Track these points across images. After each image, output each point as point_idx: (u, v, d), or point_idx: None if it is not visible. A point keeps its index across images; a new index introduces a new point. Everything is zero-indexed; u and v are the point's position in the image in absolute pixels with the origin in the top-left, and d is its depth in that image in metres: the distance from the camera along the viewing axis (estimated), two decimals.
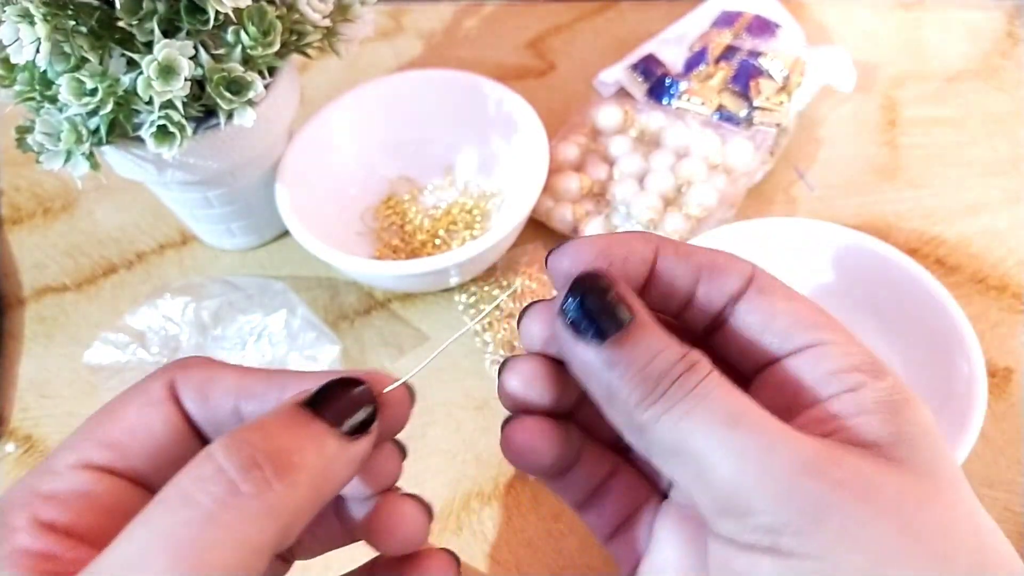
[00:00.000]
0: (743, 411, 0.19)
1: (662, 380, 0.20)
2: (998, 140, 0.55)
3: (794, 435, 0.19)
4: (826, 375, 0.21)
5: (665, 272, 0.23)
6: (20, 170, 0.59)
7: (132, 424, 0.21)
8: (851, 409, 0.20)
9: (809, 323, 0.22)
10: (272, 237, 0.54)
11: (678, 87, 0.54)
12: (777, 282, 0.23)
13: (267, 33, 0.39)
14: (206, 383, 0.22)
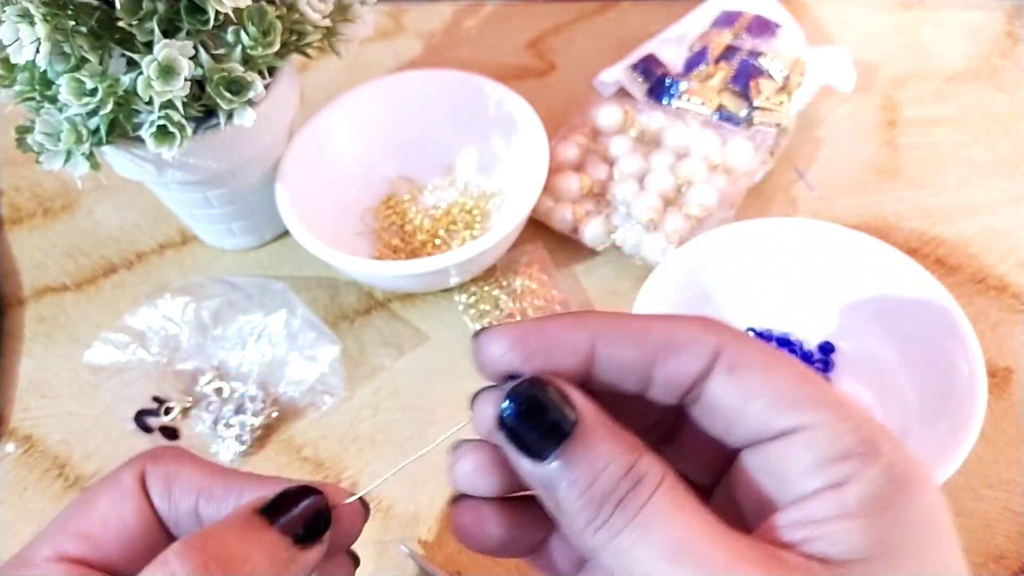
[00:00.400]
0: (689, 539, 0.18)
1: (605, 503, 0.18)
2: (998, 140, 0.55)
3: (742, 566, 0.18)
4: (810, 466, 0.19)
5: (610, 360, 0.21)
6: (20, 170, 0.59)
7: (104, 515, 0.22)
8: (831, 512, 0.18)
9: (791, 401, 0.20)
10: (272, 237, 0.54)
11: (678, 87, 0.54)
12: (750, 352, 0.20)
13: (267, 33, 0.39)
14: (171, 478, 0.23)
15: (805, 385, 0.20)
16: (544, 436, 0.19)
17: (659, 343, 0.21)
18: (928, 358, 0.41)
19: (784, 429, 0.20)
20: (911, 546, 0.18)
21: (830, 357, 0.44)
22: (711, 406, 0.21)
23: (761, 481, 0.20)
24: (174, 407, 0.45)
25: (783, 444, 0.20)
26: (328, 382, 0.45)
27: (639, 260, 0.49)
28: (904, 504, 0.19)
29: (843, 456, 0.19)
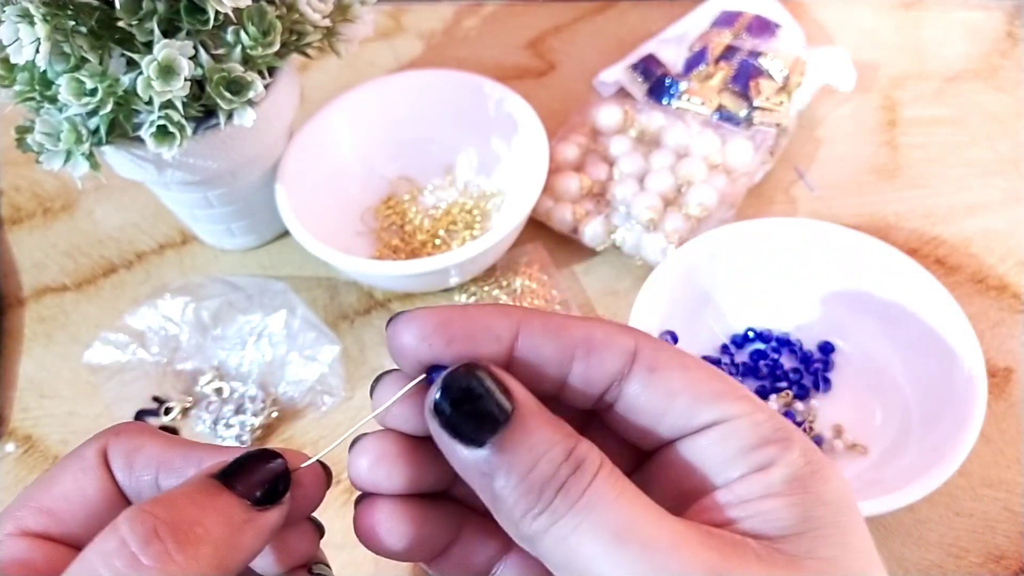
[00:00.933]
0: (633, 521, 0.18)
1: (546, 488, 0.18)
2: (998, 140, 0.55)
3: (687, 545, 0.18)
4: (733, 454, 0.20)
5: (530, 351, 0.21)
6: (20, 170, 0.59)
7: (66, 490, 0.22)
8: (758, 491, 0.19)
9: (710, 396, 0.20)
10: (272, 237, 0.54)
11: (678, 87, 0.54)
12: (666, 353, 0.21)
13: (267, 33, 0.39)
14: (133, 452, 0.22)
15: (721, 382, 0.21)
16: (481, 423, 0.19)
17: (578, 339, 0.21)
18: (928, 358, 0.41)
19: (707, 422, 0.20)
20: (832, 522, 0.19)
21: (830, 357, 0.44)
22: (632, 406, 0.21)
23: (686, 471, 0.21)
24: (174, 407, 0.45)
25: (707, 436, 0.20)
26: (328, 382, 0.45)
27: (639, 260, 0.49)
28: (821, 484, 0.20)
29: (764, 443, 0.20)
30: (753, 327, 0.46)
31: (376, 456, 0.21)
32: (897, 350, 0.43)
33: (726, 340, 0.46)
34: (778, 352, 0.45)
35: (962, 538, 0.39)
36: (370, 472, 0.21)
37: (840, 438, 0.41)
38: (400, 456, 0.22)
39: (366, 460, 0.21)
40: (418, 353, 0.20)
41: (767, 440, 0.20)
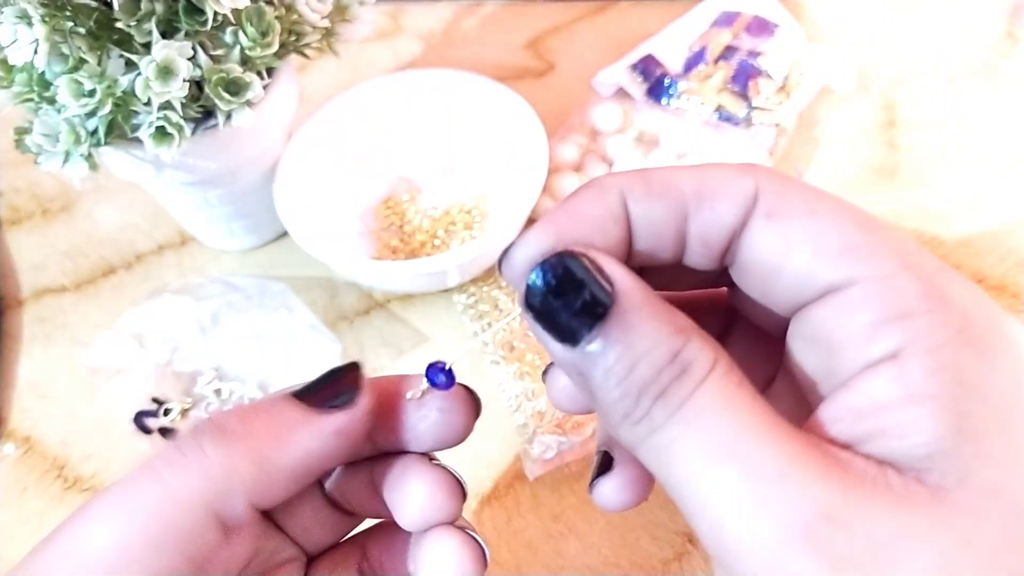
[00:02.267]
0: (738, 439, 0.15)
1: (645, 393, 0.16)
2: (998, 140, 0.55)
3: (799, 475, 0.14)
4: (862, 331, 0.15)
5: (642, 218, 0.18)
6: (19, 171, 0.59)
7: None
8: (894, 392, 0.15)
9: (839, 249, 0.16)
10: (271, 237, 0.54)
11: (677, 87, 0.54)
12: (793, 195, 0.17)
13: (265, 34, 0.39)
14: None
15: (858, 230, 0.16)
16: (577, 316, 0.17)
17: (689, 193, 0.18)
18: None
19: (830, 285, 0.16)
20: (1000, 427, 0.14)
21: None
22: (749, 262, 0.18)
23: (811, 358, 0.17)
24: (173, 408, 0.45)
25: (830, 305, 0.16)
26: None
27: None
28: (987, 372, 0.15)
29: (902, 315, 0.15)
30: None
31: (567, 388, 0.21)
32: None
33: None
34: None
35: None
36: (563, 399, 0.22)
37: None
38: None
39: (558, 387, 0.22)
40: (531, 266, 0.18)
41: (906, 311, 0.15)
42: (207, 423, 0.19)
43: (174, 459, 0.19)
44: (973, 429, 0.14)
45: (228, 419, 0.19)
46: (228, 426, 0.19)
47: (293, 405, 0.20)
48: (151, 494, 0.18)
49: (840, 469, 0.14)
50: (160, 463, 0.19)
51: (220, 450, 0.19)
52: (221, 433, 0.19)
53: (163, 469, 0.19)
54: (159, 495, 0.18)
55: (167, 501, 0.18)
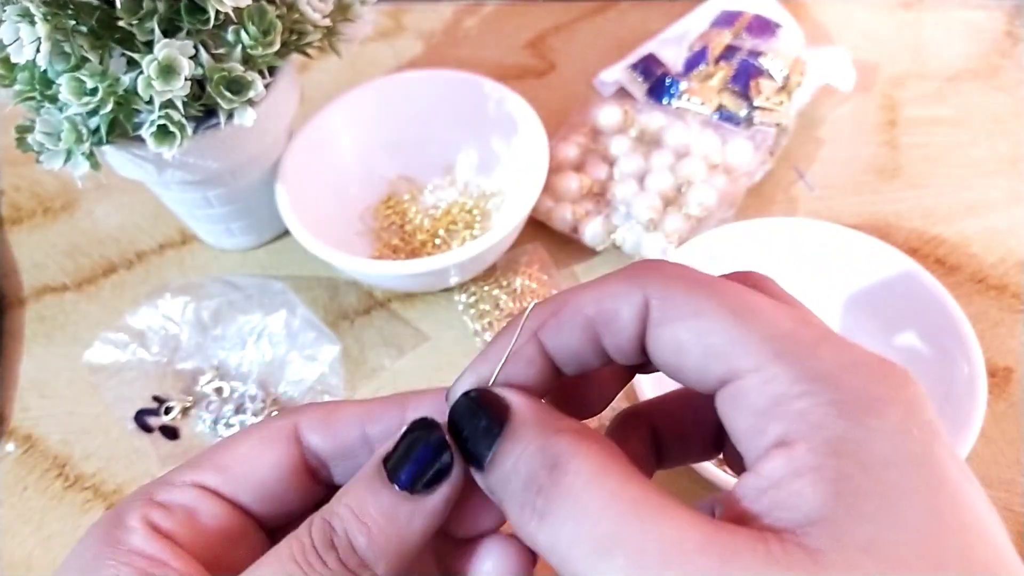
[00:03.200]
0: (617, 526, 0.16)
1: (528, 489, 0.18)
2: (998, 140, 0.55)
3: (681, 552, 0.15)
4: (752, 424, 0.17)
5: (561, 349, 0.20)
6: (20, 170, 0.59)
7: (243, 454, 0.22)
8: (784, 470, 0.16)
9: (718, 349, 0.17)
10: (272, 237, 0.54)
11: (678, 87, 0.54)
12: (677, 298, 0.18)
13: (267, 33, 0.39)
14: (328, 416, 0.23)
15: (736, 324, 0.17)
16: (480, 440, 0.20)
17: (592, 316, 0.20)
18: (928, 358, 0.41)
19: (720, 379, 0.17)
20: (875, 489, 0.15)
21: None
22: (657, 361, 0.19)
23: (729, 444, 0.19)
24: (174, 407, 0.45)
25: (723, 400, 0.18)
26: (328, 382, 0.45)
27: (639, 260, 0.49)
28: (864, 436, 0.15)
29: (779, 402, 0.16)
30: None
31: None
32: (897, 350, 0.43)
33: None
34: None
35: None
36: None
37: None
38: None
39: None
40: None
41: (783, 399, 0.16)
42: (334, 532, 0.19)
43: (326, 572, 0.19)
44: (850, 492, 0.15)
45: (357, 536, 0.20)
46: (359, 545, 0.19)
47: (400, 498, 0.20)
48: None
49: (721, 541, 0.15)
50: (300, 568, 0.19)
51: (361, 566, 0.19)
52: (354, 550, 0.19)
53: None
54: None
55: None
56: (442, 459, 0.20)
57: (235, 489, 0.22)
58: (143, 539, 0.20)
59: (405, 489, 0.20)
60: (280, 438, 0.22)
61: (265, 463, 0.22)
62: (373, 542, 0.19)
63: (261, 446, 0.22)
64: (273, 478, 0.22)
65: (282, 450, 0.22)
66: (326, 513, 0.20)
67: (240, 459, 0.22)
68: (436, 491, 0.20)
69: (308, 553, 0.19)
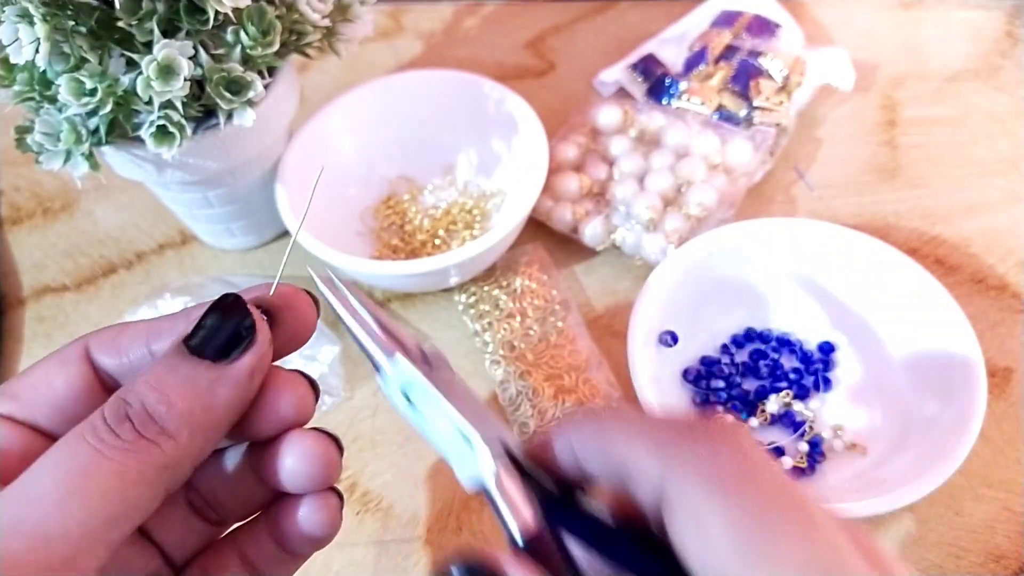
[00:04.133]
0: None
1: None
2: (998, 140, 0.55)
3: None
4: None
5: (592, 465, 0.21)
6: (20, 170, 0.59)
7: (35, 380, 0.22)
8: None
9: (721, 563, 0.17)
10: (272, 237, 0.54)
11: (678, 87, 0.54)
12: (687, 494, 0.18)
13: (266, 33, 0.39)
14: (117, 337, 0.23)
15: (739, 553, 0.17)
16: None
17: (619, 468, 0.20)
18: (928, 358, 0.41)
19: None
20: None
21: (830, 357, 0.44)
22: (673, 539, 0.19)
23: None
24: None
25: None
26: (328, 382, 0.45)
27: (639, 260, 0.49)
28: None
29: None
30: (753, 327, 0.46)
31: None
32: (897, 350, 0.43)
33: (726, 340, 0.46)
34: (778, 352, 0.45)
35: (962, 538, 0.39)
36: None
37: (840, 438, 0.41)
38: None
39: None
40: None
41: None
42: (128, 406, 0.19)
43: (109, 446, 0.19)
44: None
45: (156, 405, 0.19)
46: (151, 407, 0.19)
47: (201, 367, 0.20)
48: (111, 475, 0.18)
49: None
50: (96, 443, 0.19)
51: (159, 436, 0.19)
52: (152, 421, 0.19)
53: (103, 451, 0.19)
54: (108, 477, 0.18)
55: (118, 482, 0.18)
56: (243, 324, 0.20)
57: (31, 413, 0.22)
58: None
59: (207, 358, 0.20)
60: (72, 360, 0.22)
61: (58, 385, 0.22)
62: (173, 410, 0.19)
63: (53, 369, 0.22)
64: (68, 399, 0.22)
65: (74, 371, 0.22)
66: (121, 392, 0.20)
67: (33, 384, 0.22)
68: (240, 358, 0.20)
69: (99, 430, 0.19)
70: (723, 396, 0.43)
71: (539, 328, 0.47)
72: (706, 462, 0.18)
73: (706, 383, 0.44)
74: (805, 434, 0.42)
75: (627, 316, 0.42)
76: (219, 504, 0.24)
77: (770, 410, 0.42)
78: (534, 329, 0.47)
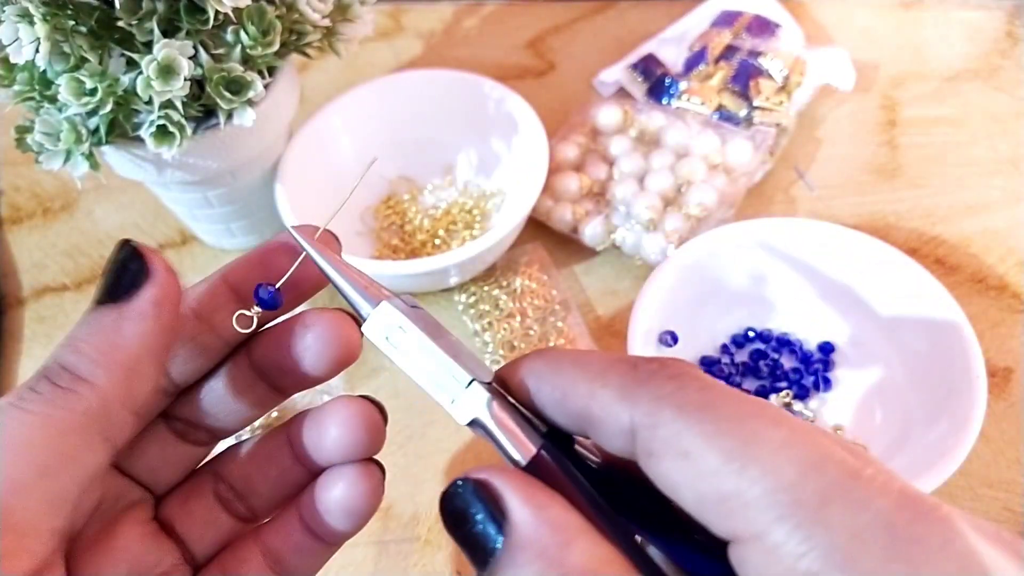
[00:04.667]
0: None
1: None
2: (998, 140, 0.55)
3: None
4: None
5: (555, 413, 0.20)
6: (20, 170, 0.59)
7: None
8: None
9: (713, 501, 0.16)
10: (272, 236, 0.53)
11: (678, 87, 0.54)
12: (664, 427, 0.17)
13: (267, 33, 0.39)
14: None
15: (731, 471, 0.16)
16: (474, 551, 0.18)
17: (579, 412, 0.19)
18: (928, 358, 0.41)
19: (722, 535, 0.16)
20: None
21: (830, 357, 0.44)
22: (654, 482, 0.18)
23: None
24: None
25: (732, 556, 0.16)
26: (328, 382, 0.45)
27: (639, 260, 0.49)
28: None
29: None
30: (753, 327, 0.46)
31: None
32: (897, 350, 0.43)
33: (726, 340, 0.46)
34: (778, 352, 0.45)
35: None
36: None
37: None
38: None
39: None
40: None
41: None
42: (56, 370, 0.19)
43: (42, 399, 0.19)
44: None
45: (66, 355, 0.19)
46: (68, 362, 0.19)
47: (104, 310, 0.20)
48: (34, 427, 0.18)
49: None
50: (32, 404, 0.19)
51: (72, 385, 0.19)
52: (68, 372, 0.19)
53: (36, 408, 0.19)
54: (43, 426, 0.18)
55: (54, 430, 0.18)
56: (133, 264, 0.21)
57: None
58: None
59: (108, 299, 0.20)
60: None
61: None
62: (82, 355, 0.19)
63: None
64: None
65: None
66: (52, 354, 0.20)
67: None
68: (138, 294, 0.20)
69: (19, 391, 0.19)
70: None
71: (539, 328, 0.47)
72: (677, 398, 0.17)
73: None
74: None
75: (627, 316, 0.41)
76: (251, 492, 0.24)
77: None
78: (534, 329, 0.47)
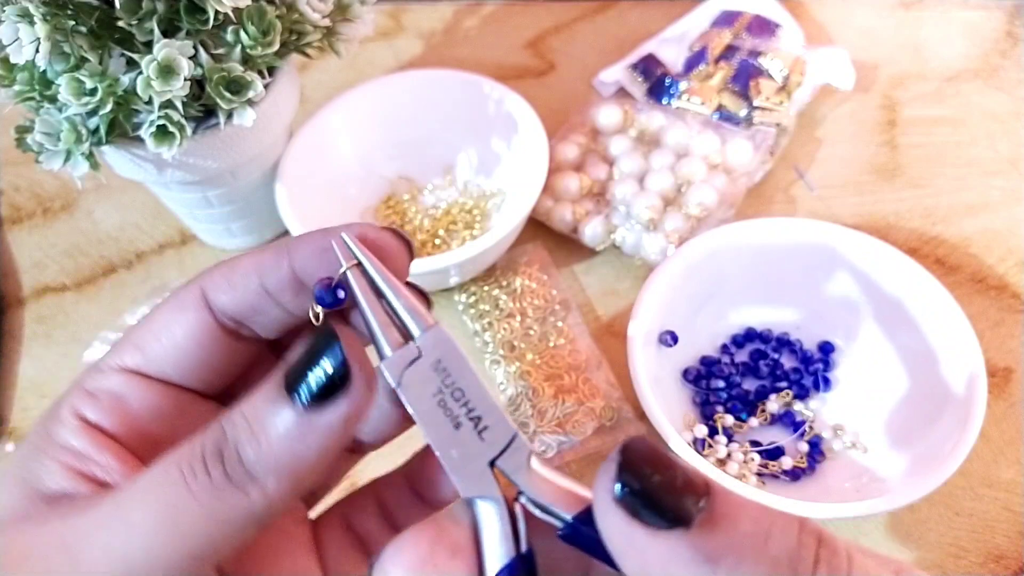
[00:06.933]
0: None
1: (799, 563, 0.16)
2: (998, 140, 0.55)
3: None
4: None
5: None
6: (20, 170, 0.59)
7: (157, 329, 0.22)
8: None
9: None
10: (272, 237, 0.54)
11: (678, 87, 0.54)
12: None
13: (267, 33, 0.39)
14: (228, 275, 0.22)
15: None
16: (664, 512, 0.16)
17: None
18: (928, 358, 0.41)
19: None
20: None
21: (830, 357, 0.44)
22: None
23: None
24: None
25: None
26: None
27: (639, 260, 0.49)
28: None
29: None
30: (753, 327, 0.46)
31: None
32: (897, 350, 0.43)
33: (726, 340, 0.46)
34: (778, 352, 0.45)
35: (962, 538, 0.39)
36: None
37: (840, 438, 0.41)
38: None
39: None
40: None
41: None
42: (234, 460, 0.19)
43: (200, 483, 0.18)
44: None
45: (247, 447, 0.19)
46: (247, 458, 0.19)
47: (294, 413, 0.19)
48: (197, 520, 0.18)
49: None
50: (201, 491, 0.18)
51: (247, 488, 0.19)
52: (242, 470, 0.19)
53: (204, 499, 0.18)
54: (197, 513, 0.18)
55: (205, 521, 0.18)
56: (335, 372, 0.19)
57: (158, 366, 0.21)
58: (71, 432, 0.20)
59: (302, 402, 0.19)
60: (188, 306, 0.22)
61: (179, 333, 0.21)
62: (263, 456, 0.18)
63: (171, 316, 0.22)
64: (191, 346, 0.22)
65: (192, 317, 0.22)
66: (224, 418, 0.19)
67: (155, 334, 0.22)
68: (331, 407, 0.18)
69: (195, 462, 0.19)
70: (723, 396, 0.43)
71: (539, 328, 0.47)
72: None
73: (706, 383, 0.44)
74: (805, 434, 0.42)
75: (627, 316, 0.41)
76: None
77: (770, 410, 0.42)
78: (534, 329, 0.47)
